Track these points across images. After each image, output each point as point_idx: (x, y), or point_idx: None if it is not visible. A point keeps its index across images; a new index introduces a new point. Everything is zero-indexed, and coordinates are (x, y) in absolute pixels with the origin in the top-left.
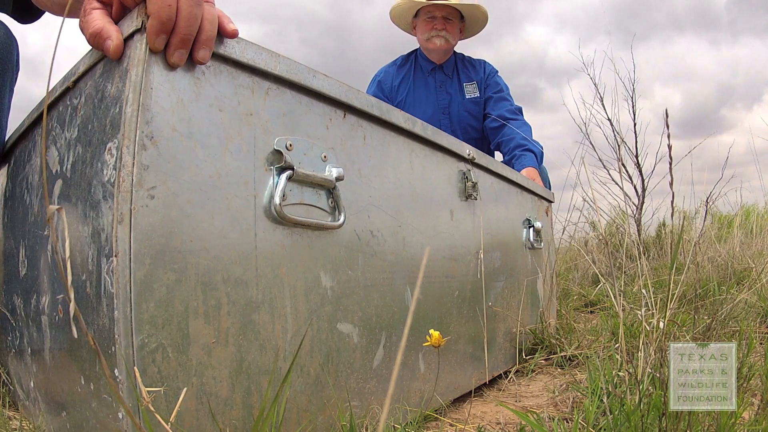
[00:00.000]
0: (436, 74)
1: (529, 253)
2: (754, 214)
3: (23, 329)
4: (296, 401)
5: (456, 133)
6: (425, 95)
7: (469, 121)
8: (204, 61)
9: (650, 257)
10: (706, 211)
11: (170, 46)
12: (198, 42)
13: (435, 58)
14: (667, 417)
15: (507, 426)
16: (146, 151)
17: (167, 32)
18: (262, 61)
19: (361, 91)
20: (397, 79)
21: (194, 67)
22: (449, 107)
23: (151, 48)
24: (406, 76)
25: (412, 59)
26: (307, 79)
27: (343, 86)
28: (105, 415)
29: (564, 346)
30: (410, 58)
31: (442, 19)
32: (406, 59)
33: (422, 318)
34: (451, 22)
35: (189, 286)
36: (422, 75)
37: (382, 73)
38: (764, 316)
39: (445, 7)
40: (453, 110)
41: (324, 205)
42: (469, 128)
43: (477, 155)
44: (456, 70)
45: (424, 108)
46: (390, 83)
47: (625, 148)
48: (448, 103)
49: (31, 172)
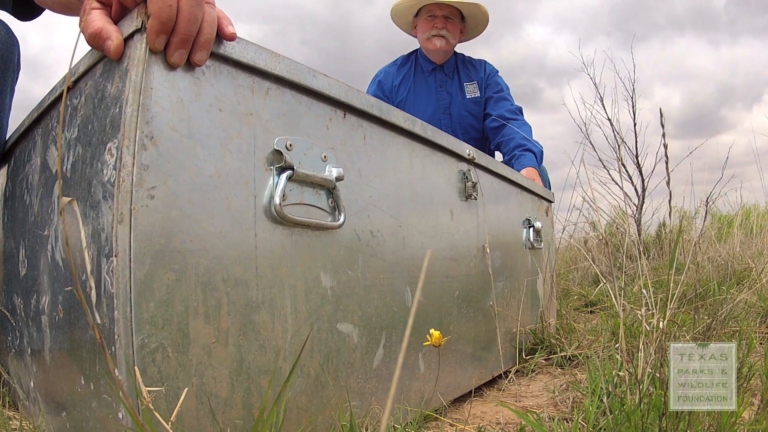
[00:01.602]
0: (437, 74)
1: (529, 253)
2: (754, 214)
3: (23, 329)
4: (296, 401)
5: (456, 132)
6: (425, 95)
7: (470, 121)
8: (201, 63)
9: (650, 257)
10: (706, 211)
11: (170, 46)
12: (196, 44)
13: (435, 59)
14: (667, 417)
15: (507, 426)
16: (146, 151)
17: (167, 32)
18: (262, 61)
19: (361, 91)
20: (398, 79)
21: (194, 67)
22: (449, 107)
23: (151, 48)
24: (406, 76)
25: (412, 59)
26: (307, 79)
27: (343, 86)
28: (105, 414)
29: (564, 346)
30: (411, 58)
31: (442, 18)
32: (406, 59)
33: (422, 318)
34: (452, 21)
35: (189, 286)
36: (423, 75)
37: (382, 73)
38: (764, 316)
39: (446, 5)
40: (453, 110)
41: (324, 205)
42: (469, 128)
43: (477, 155)
44: (456, 69)
45: (424, 108)
46: (390, 83)
47: (625, 148)
48: (448, 103)
49: (31, 172)
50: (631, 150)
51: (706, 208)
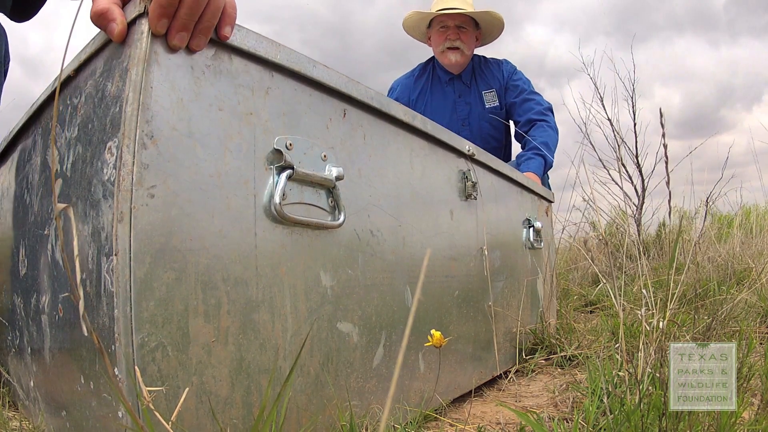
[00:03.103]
0: (455, 84)
1: (529, 253)
2: (754, 214)
3: (23, 328)
4: (296, 400)
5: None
6: (443, 107)
7: (490, 131)
8: (198, 49)
9: (650, 257)
10: (706, 211)
11: (171, 30)
12: (195, 30)
13: (452, 70)
14: (667, 417)
15: (507, 426)
16: (146, 150)
17: (169, 17)
18: (262, 49)
19: (360, 83)
20: (415, 92)
21: (194, 66)
22: (468, 118)
23: (153, 31)
24: (423, 89)
25: (429, 69)
26: (307, 69)
27: (343, 77)
28: (105, 414)
29: (564, 346)
30: (428, 68)
31: (455, 29)
32: (423, 69)
33: (422, 317)
34: (465, 30)
35: (189, 285)
36: (440, 86)
37: (398, 86)
38: (764, 316)
39: (457, 15)
40: (473, 121)
41: (324, 204)
42: (489, 138)
43: (477, 152)
44: (474, 77)
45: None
46: (407, 98)
47: (625, 148)
48: (467, 114)
49: (31, 171)
50: (631, 150)
51: (706, 208)
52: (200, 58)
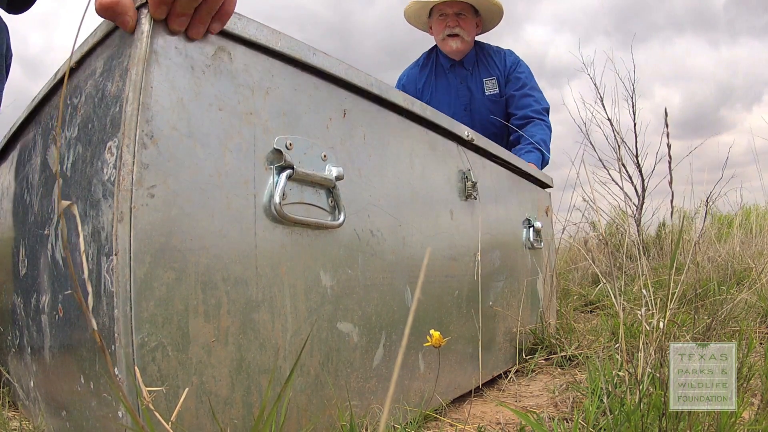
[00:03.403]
0: (457, 70)
1: (529, 252)
2: (754, 214)
3: (23, 328)
4: (296, 400)
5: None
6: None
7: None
8: (196, 37)
9: (650, 257)
10: (706, 211)
11: (171, 16)
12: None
13: (454, 56)
14: (667, 417)
15: (507, 426)
16: (146, 150)
17: (168, 4)
18: (263, 37)
19: (360, 70)
20: (420, 81)
21: (194, 66)
22: (470, 104)
23: (152, 16)
24: (428, 77)
25: (432, 57)
26: (307, 56)
27: (343, 64)
28: (105, 413)
29: (564, 346)
30: (431, 56)
31: (454, 16)
32: (427, 57)
33: (422, 317)
34: (465, 17)
35: (189, 285)
36: (443, 73)
37: (405, 77)
38: (764, 316)
39: (455, 3)
40: (474, 107)
41: (324, 204)
42: (488, 124)
43: (476, 137)
44: (477, 63)
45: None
46: (414, 87)
47: (625, 148)
48: (469, 99)
49: (31, 171)
50: (631, 150)
51: (706, 208)
52: (200, 57)
